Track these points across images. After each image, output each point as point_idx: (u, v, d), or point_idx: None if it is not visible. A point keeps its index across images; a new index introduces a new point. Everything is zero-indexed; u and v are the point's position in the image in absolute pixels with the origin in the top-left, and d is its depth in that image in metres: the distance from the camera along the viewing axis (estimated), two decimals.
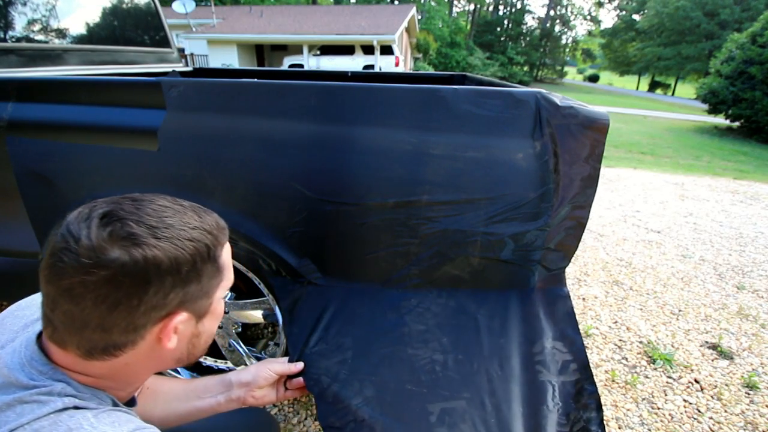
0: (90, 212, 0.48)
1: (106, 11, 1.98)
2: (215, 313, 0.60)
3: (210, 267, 0.54)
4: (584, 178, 1.00)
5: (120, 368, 0.52)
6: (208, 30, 16.56)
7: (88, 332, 0.48)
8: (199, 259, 0.52)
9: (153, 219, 0.49)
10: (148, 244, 0.47)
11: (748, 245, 3.23)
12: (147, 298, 0.48)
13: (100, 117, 1.12)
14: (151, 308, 0.49)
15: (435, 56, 25.42)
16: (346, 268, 1.06)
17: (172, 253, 0.49)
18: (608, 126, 0.97)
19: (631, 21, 40.07)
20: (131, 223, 0.48)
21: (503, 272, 1.06)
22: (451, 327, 1.03)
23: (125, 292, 0.47)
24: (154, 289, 0.48)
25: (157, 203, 0.52)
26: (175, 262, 0.49)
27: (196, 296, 0.54)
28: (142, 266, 0.47)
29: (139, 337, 0.51)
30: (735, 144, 9.08)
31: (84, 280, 0.45)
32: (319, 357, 1.06)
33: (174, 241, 0.49)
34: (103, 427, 0.46)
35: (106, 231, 0.46)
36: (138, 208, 0.50)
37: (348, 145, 0.98)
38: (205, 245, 0.53)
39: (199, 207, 0.57)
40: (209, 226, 0.55)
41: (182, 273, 0.50)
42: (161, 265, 0.48)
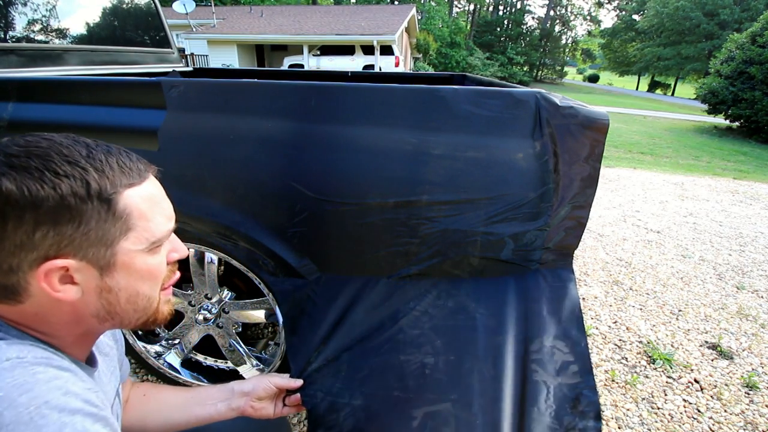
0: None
1: (106, 11, 1.98)
2: (131, 268, 0.52)
3: (96, 208, 0.47)
4: (584, 178, 1.00)
5: (32, 318, 0.49)
6: (208, 30, 16.56)
7: None
8: (73, 197, 0.45)
9: (17, 149, 0.45)
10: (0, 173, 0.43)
11: (748, 245, 3.23)
12: (7, 234, 0.44)
13: (100, 117, 1.12)
14: (17, 247, 0.44)
15: (435, 56, 25.42)
16: (346, 268, 1.06)
17: (27, 184, 0.43)
18: (608, 126, 0.97)
19: (631, 21, 40.07)
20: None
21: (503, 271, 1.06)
22: (447, 328, 1.02)
23: None
24: (12, 225, 0.44)
25: (42, 137, 0.47)
26: (33, 195, 0.43)
27: (83, 242, 0.47)
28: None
29: (22, 281, 0.46)
30: (735, 144, 9.08)
31: None
32: (317, 373, 1.06)
33: (32, 171, 0.44)
34: (7, 349, 0.44)
35: None
36: (14, 140, 0.46)
37: (348, 145, 0.98)
38: (83, 182, 0.46)
39: (107, 146, 0.52)
40: (101, 162, 0.48)
41: (46, 209, 0.44)
42: (11, 196, 0.43)
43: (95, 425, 0.43)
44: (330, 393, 1.03)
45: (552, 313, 1.05)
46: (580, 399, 1.02)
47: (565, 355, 1.03)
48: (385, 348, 1.03)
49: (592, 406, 1.03)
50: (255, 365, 1.40)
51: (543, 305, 1.05)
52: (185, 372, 1.46)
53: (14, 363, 0.42)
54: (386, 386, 0.99)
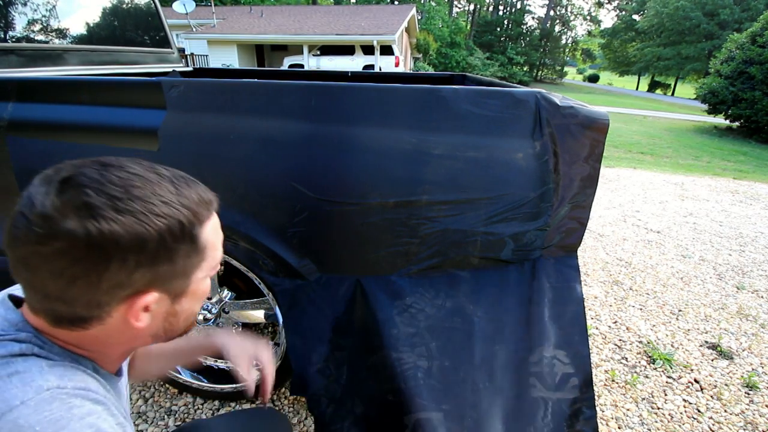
0: (53, 175, 0.44)
1: (106, 11, 1.98)
2: (196, 293, 0.55)
3: (186, 246, 0.49)
4: (584, 177, 1.00)
5: (91, 340, 0.50)
6: (208, 30, 16.56)
7: (50, 302, 0.46)
8: (170, 237, 0.47)
9: (116, 188, 0.44)
10: (106, 216, 0.43)
11: (748, 245, 3.23)
12: (108, 276, 0.44)
13: (100, 117, 1.12)
14: (114, 286, 0.46)
15: (435, 56, 25.42)
16: (346, 268, 1.06)
17: (134, 228, 0.44)
18: (608, 126, 0.97)
19: (631, 21, 40.07)
20: (91, 191, 0.43)
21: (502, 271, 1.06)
22: (444, 330, 1.01)
23: (83, 267, 0.43)
24: (115, 267, 0.44)
25: (127, 170, 0.46)
26: (138, 239, 0.44)
27: (169, 276, 0.50)
28: (98, 241, 0.42)
29: (104, 313, 0.48)
30: (735, 144, 9.08)
31: (37, 251, 0.42)
32: (320, 374, 1.06)
33: (138, 216, 0.44)
34: (49, 375, 0.44)
35: (62, 198, 0.42)
36: (102, 175, 0.45)
37: (348, 145, 0.98)
38: (179, 222, 0.48)
39: (183, 177, 0.52)
40: (187, 199, 0.49)
41: (148, 251, 0.46)
42: (120, 241, 0.43)
43: None
44: (333, 399, 1.03)
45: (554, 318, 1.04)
46: (578, 415, 1.01)
47: (566, 366, 1.02)
48: (384, 349, 1.02)
49: (589, 424, 1.01)
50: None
51: (545, 309, 1.04)
52: (185, 372, 1.46)
53: (54, 394, 0.43)
54: (383, 389, 0.99)
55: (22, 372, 0.44)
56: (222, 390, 1.43)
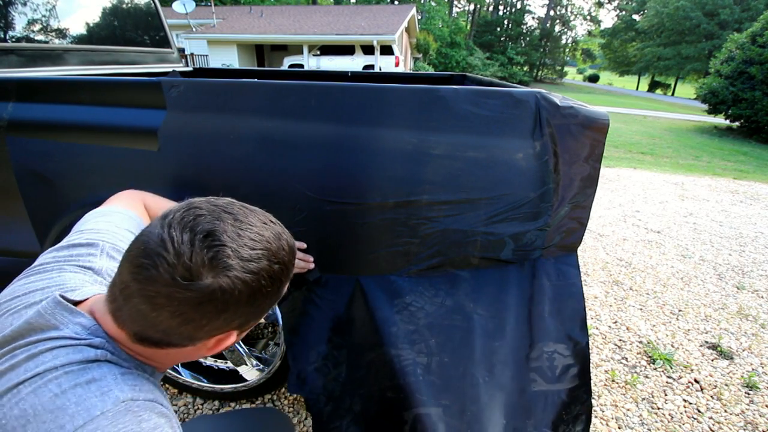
0: (194, 224, 0.48)
1: (106, 11, 1.97)
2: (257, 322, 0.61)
3: (276, 297, 0.56)
4: (584, 177, 1.00)
5: (162, 356, 0.55)
6: (208, 30, 16.55)
7: (149, 329, 0.49)
8: (271, 292, 0.53)
9: (248, 250, 0.49)
10: (238, 276, 0.48)
11: (748, 245, 3.23)
12: (216, 322, 0.50)
13: (100, 117, 1.12)
14: (215, 329, 0.51)
15: (435, 56, 25.41)
16: (346, 268, 1.06)
17: (253, 287, 0.50)
18: (608, 126, 0.97)
19: (631, 21, 40.05)
20: (230, 251, 0.48)
21: None
22: (444, 327, 1.02)
23: (201, 314, 0.48)
24: (226, 315, 0.50)
25: (254, 228, 0.52)
26: (252, 296, 0.50)
27: (253, 319, 0.55)
28: (224, 296, 0.48)
29: (190, 343, 0.53)
30: (735, 144, 9.08)
31: (171, 294, 0.46)
32: (318, 373, 1.06)
33: (256, 275, 0.50)
34: (123, 385, 0.48)
35: (208, 255, 0.47)
36: (239, 234, 0.50)
37: (348, 145, 0.98)
38: (279, 280, 0.54)
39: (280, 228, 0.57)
40: (288, 257, 0.56)
41: (255, 304, 0.52)
42: (242, 298, 0.49)
43: None
44: (332, 397, 1.03)
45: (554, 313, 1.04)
46: (575, 401, 1.02)
47: (566, 358, 1.02)
48: (384, 347, 1.02)
49: (585, 406, 1.02)
50: (255, 365, 1.40)
51: (545, 306, 1.04)
52: (185, 372, 1.46)
53: (128, 407, 0.46)
54: (383, 386, 0.99)
55: (99, 379, 0.47)
56: (222, 390, 1.43)
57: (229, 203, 0.54)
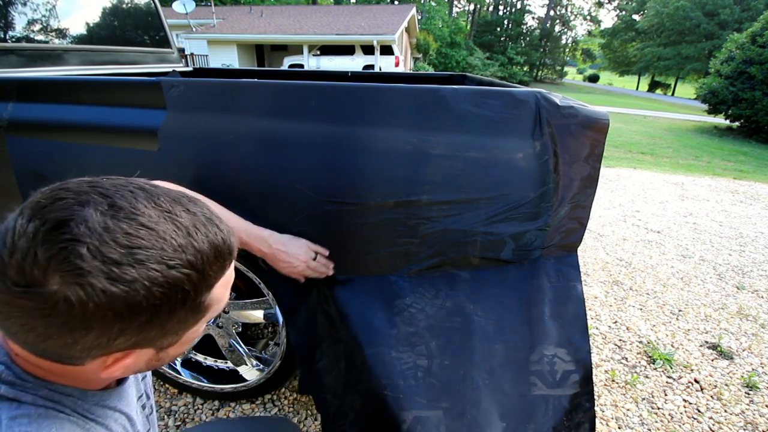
0: (48, 210, 0.37)
1: (106, 11, 1.98)
2: (186, 342, 0.49)
3: (184, 312, 0.43)
4: (584, 177, 1.00)
5: (72, 374, 0.46)
6: (208, 30, 16.55)
7: (23, 345, 0.40)
8: (168, 307, 0.40)
9: (117, 250, 0.37)
10: (96, 287, 0.36)
11: (748, 245, 3.23)
12: (85, 341, 0.39)
13: (100, 117, 1.12)
14: (90, 348, 0.40)
15: (435, 56, 25.40)
16: (346, 268, 1.06)
17: (126, 298, 0.37)
18: (608, 126, 0.97)
19: (631, 21, 40.05)
20: (86, 251, 0.36)
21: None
22: (444, 329, 1.02)
23: (57, 331, 0.37)
24: (95, 334, 0.38)
25: (138, 219, 0.39)
26: (129, 309, 0.38)
27: (157, 338, 0.43)
28: (81, 310, 0.36)
29: (79, 363, 0.42)
30: (735, 144, 9.08)
31: (9, 301, 0.36)
32: (324, 373, 1.06)
33: (135, 285, 0.37)
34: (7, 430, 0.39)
35: (50, 252, 0.35)
36: (106, 227, 0.37)
37: (348, 145, 0.98)
38: (183, 290, 0.40)
39: (205, 223, 0.43)
40: (201, 259, 0.41)
41: (137, 321, 0.39)
42: (108, 312, 0.37)
43: None
44: (337, 395, 1.03)
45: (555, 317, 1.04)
46: (577, 409, 1.01)
47: (566, 364, 1.02)
48: (383, 347, 1.02)
49: (588, 415, 1.01)
50: (255, 365, 1.40)
51: (545, 308, 1.04)
52: (185, 372, 1.46)
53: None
54: (382, 386, 0.99)
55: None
56: (222, 390, 1.43)
57: (119, 184, 0.41)
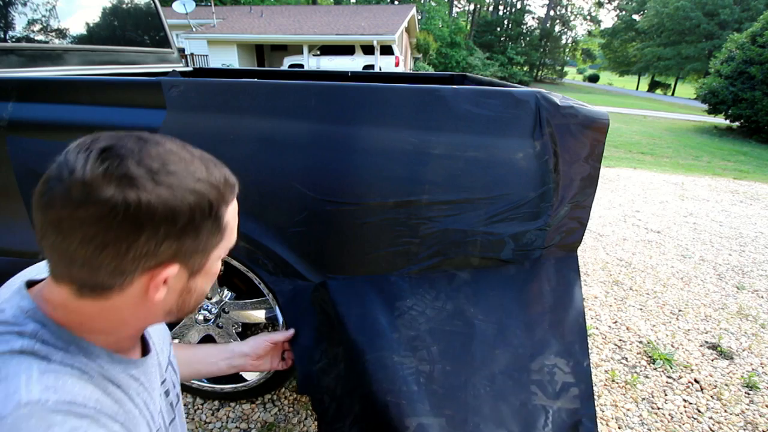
0: (91, 144, 0.45)
1: (106, 11, 1.98)
2: (210, 272, 0.56)
3: (210, 224, 0.51)
4: (584, 177, 1.00)
5: (109, 311, 0.50)
6: (208, 30, 16.55)
7: (75, 269, 0.46)
8: (199, 214, 0.48)
9: (155, 162, 0.45)
10: (145, 188, 0.44)
11: (748, 245, 3.23)
12: (137, 245, 0.45)
13: (100, 117, 1.12)
14: (140, 256, 0.46)
15: (435, 56, 25.41)
16: (346, 268, 1.06)
17: (170, 202, 0.45)
18: (608, 126, 0.97)
19: (631, 21, 40.06)
20: (131, 162, 0.44)
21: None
22: (446, 333, 1.01)
23: (114, 235, 0.43)
24: (145, 237, 0.45)
25: (164, 146, 0.48)
26: (172, 212, 0.45)
27: (191, 251, 0.50)
28: (135, 210, 0.43)
29: (126, 282, 0.48)
30: (735, 144, 9.08)
31: (72, 215, 0.42)
32: (323, 373, 1.06)
33: (174, 190, 0.46)
34: (35, 386, 0.43)
35: (102, 167, 0.43)
36: (141, 148, 0.46)
37: (348, 144, 0.98)
38: (208, 200, 0.49)
39: (210, 158, 0.55)
40: (216, 180, 0.51)
41: (178, 225, 0.47)
42: (156, 212, 0.44)
43: None
44: (335, 397, 1.03)
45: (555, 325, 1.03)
46: (578, 427, 0.99)
47: (566, 375, 1.01)
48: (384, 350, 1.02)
49: None
50: None
51: (546, 314, 1.03)
52: None
53: (32, 411, 0.41)
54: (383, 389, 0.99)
55: (9, 378, 0.42)
56: (222, 390, 1.43)
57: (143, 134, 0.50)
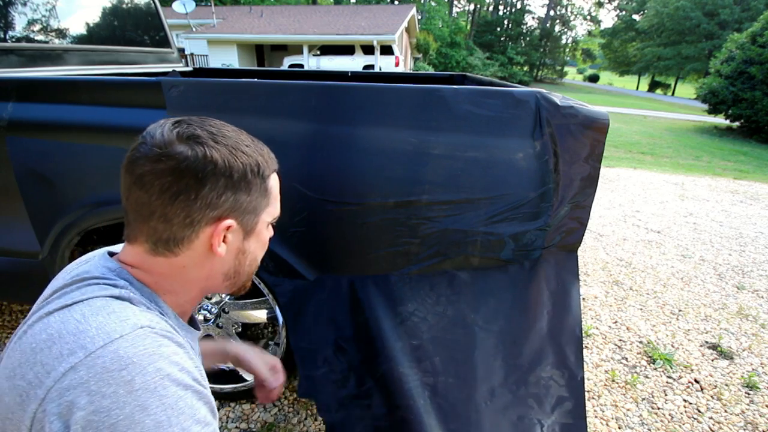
0: (165, 120, 0.58)
1: (106, 11, 1.98)
2: (260, 236, 0.66)
3: (259, 183, 0.61)
4: (584, 177, 1.00)
5: (178, 269, 0.60)
6: (208, 30, 16.55)
7: (153, 221, 0.56)
8: (250, 172, 0.59)
9: (214, 129, 0.58)
10: (208, 144, 0.55)
11: (748, 245, 3.23)
12: (203, 194, 0.55)
13: (100, 117, 1.12)
14: (205, 205, 0.56)
15: (435, 56, 25.40)
16: (346, 268, 1.06)
17: (227, 157, 0.56)
18: (608, 126, 0.97)
19: (631, 21, 40.06)
20: (196, 127, 0.57)
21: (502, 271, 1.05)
22: (447, 342, 1.01)
23: (185, 184, 0.54)
24: (209, 187, 0.55)
25: (219, 122, 0.61)
26: (229, 165, 0.56)
27: (244, 208, 0.60)
28: (201, 162, 0.54)
29: (194, 234, 0.57)
30: (735, 144, 9.08)
31: (153, 168, 0.54)
32: (326, 381, 1.06)
33: (230, 149, 0.57)
34: (141, 316, 0.52)
35: (175, 131, 0.56)
36: (204, 121, 0.59)
37: (348, 145, 0.98)
38: (256, 162, 0.60)
39: (254, 138, 0.65)
40: (260, 150, 0.63)
41: (234, 178, 0.57)
42: (216, 164, 0.55)
43: (199, 403, 0.50)
44: (342, 404, 1.03)
45: None
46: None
47: (561, 389, 1.01)
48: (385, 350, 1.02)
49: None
50: None
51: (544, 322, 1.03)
52: None
53: (146, 332, 0.50)
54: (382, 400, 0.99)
55: (119, 311, 0.51)
56: (222, 390, 1.43)
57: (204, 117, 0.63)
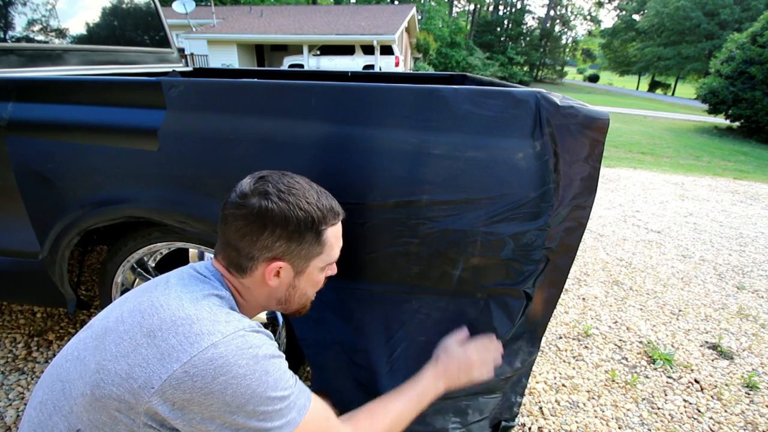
0: (252, 175, 0.76)
1: (106, 11, 1.98)
2: (311, 277, 0.80)
3: (311, 235, 0.75)
4: (584, 177, 1.00)
5: (244, 287, 0.77)
6: (208, 30, 16.55)
7: (229, 249, 0.74)
8: (303, 225, 0.73)
9: (284, 186, 0.73)
10: (273, 200, 0.71)
11: (748, 245, 3.23)
12: (262, 238, 0.72)
13: (100, 117, 1.12)
14: (263, 247, 0.72)
15: (435, 56, 25.39)
16: (346, 269, 1.06)
17: (285, 212, 0.71)
18: (608, 126, 0.97)
19: (631, 21, 40.06)
20: (270, 185, 0.73)
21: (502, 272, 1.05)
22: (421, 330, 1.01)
23: (251, 228, 0.71)
24: (267, 233, 0.71)
25: (295, 179, 0.76)
26: (285, 219, 0.71)
27: (296, 254, 0.75)
28: (263, 213, 0.71)
29: (254, 266, 0.74)
30: (735, 144, 9.08)
31: (234, 213, 0.73)
32: (333, 376, 1.06)
33: (290, 205, 0.72)
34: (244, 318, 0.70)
35: (254, 186, 0.73)
36: (280, 178, 0.75)
37: (348, 145, 0.98)
38: (312, 217, 0.74)
39: (325, 192, 0.79)
40: (322, 206, 0.76)
41: (288, 229, 0.72)
42: (276, 217, 0.71)
43: (285, 364, 0.70)
44: (345, 402, 1.03)
45: None
46: None
47: None
48: (384, 348, 1.02)
49: None
50: None
51: None
52: None
53: (254, 328, 0.69)
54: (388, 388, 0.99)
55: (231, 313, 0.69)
56: None
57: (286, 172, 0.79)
